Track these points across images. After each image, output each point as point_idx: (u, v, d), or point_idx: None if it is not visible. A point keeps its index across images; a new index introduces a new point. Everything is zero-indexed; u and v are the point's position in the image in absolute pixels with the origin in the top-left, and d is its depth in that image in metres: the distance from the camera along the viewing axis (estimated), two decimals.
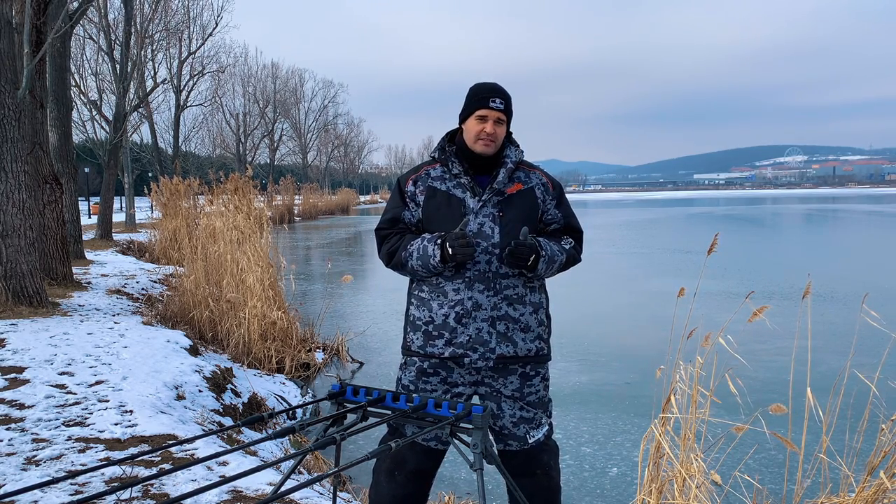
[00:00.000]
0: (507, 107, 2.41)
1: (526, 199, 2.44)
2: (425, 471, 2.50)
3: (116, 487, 1.56)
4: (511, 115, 2.45)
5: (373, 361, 7.75)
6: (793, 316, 3.17)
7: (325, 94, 64.74)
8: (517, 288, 2.40)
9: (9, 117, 7.03)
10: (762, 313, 2.82)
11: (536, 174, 2.51)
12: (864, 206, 61.53)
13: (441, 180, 2.46)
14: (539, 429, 2.46)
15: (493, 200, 2.40)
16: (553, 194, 2.51)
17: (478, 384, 2.44)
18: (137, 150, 30.61)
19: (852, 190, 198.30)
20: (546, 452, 2.48)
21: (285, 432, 1.86)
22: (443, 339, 2.39)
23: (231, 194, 8.98)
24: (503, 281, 2.37)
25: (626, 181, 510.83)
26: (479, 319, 2.36)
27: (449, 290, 2.39)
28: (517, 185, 2.45)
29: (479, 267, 2.36)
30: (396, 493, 2.48)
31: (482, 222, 2.38)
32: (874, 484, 2.71)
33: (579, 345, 8.22)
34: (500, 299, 2.37)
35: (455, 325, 2.37)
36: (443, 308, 2.39)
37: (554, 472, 2.50)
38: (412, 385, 2.46)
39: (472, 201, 2.40)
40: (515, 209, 2.41)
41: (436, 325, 2.40)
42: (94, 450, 3.58)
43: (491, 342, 2.37)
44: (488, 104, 2.38)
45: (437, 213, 2.42)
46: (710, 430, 2.98)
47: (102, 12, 20.10)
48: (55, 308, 7.45)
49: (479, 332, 2.36)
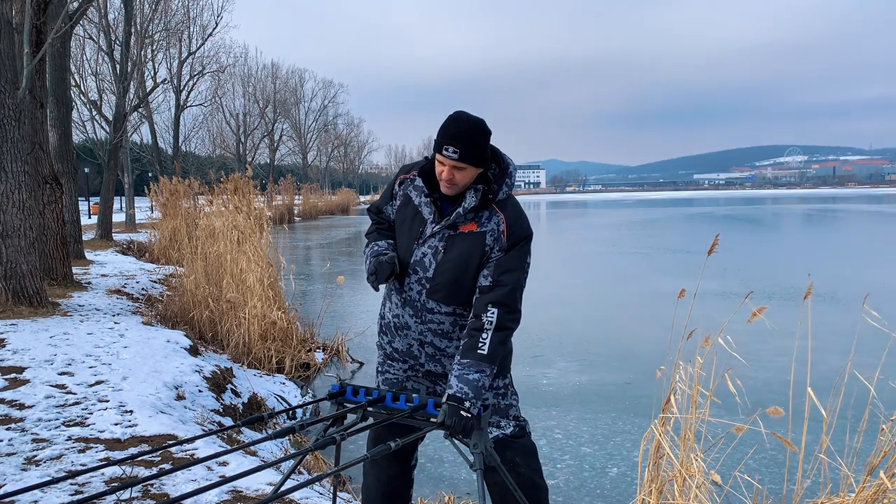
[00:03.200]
0: (465, 154, 2.25)
1: (472, 242, 2.34)
2: (406, 450, 2.53)
3: (116, 487, 1.56)
4: (476, 157, 2.28)
5: (373, 361, 7.70)
6: (793, 316, 3.17)
7: (325, 94, 64.84)
8: (444, 324, 2.39)
9: (9, 117, 7.03)
10: (762, 313, 2.82)
11: (498, 218, 2.34)
12: (864, 206, 61.53)
13: (419, 192, 2.44)
14: (498, 429, 2.47)
15: (444, 233, 2.37)
16: (504, 244, 2.33)
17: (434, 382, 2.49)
18: (137, 150, 30.61)
19: (852, 190, 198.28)
20: (511, 450, 2.47)
21: (285, 432, 1.87)
22: (387, 338, 2.52)
23: (231, 194, 8.98)
24: (429, 315, 2.39)
25: (626, 181, 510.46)
26: (409, 337, 2.45)
27: (393, 300, 2.48)
28: (472, 225, 2.34)
29: (412, 294, 2.39)
30: (380, 475, 2.54)
31: (425, 252, 2.38)
32: (874, 484, 2.71)
33: (579, 345, 8.22)
34: (425, 329, 2.41)
35: (395, 332, 2.48)
36: (389, 312, 2.50)
37: (523, 469, 2.48)
38: (380, 367, 2.57)
39: (429, 226, 2.39)
40: (458, 248, 2.35)
41: (385, 322, 2.53)
42: (94, 450, 3.58)
43: (420, 358, 2.45)
44: (441, 151, 2.27)
45: (402, 223, 2.47)
46: (710, 430, 2.98)
47: (102, 12, 20.10)
48: (55, 308, 7.45)
49: (409, 347, 2.45)
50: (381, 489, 2.55)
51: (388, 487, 2.55)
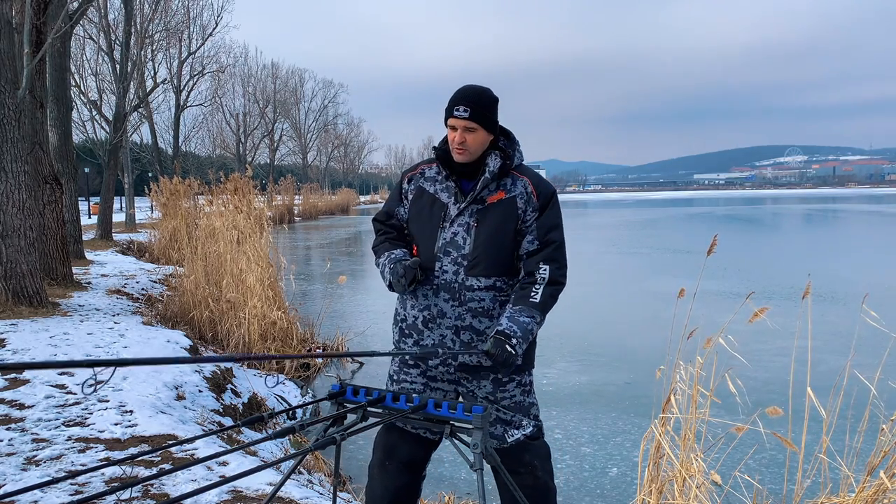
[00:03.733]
0: (476, 113, 2.31)
1: (504, 209, 2.37)
2: (417, 461, 2.50)
3: (116, 487, 1.56)
4: (487, 119, 2.34)
5: (373, 361, 7.74)
6: (793, 316, 3.17)
7: (325, 94, 64.85)
8: (484, 301, 2.37)
9: (9, 117, 7.03)
10: (763, 314, 2.82)
11: (523, 181, 2.40)
12: (864, 206, 61.53)
13: (432, 181, 2.46)
14: (519, 429, 2.45)
15: (471, 209, 2.37)
16: (536, 204, 2.38)
17: (456, 383, 2.45)
18: (137, 150, 30.61)
19: (852, 190, 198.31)
20: (529, 452, 2.47)
21: (285, 432, 1.86)
22: (412, 339, 2.45)
23: (231, 194, 8.98)
24: (468, 293, 2.35)
25: (626, 181, 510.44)
26: (443, 326, 2.38)
27: (419, 294, 2.41)
28: (500, 194, 2.37)
29: (447, 277, 2.36)
30: (388, 484, 2.49)
31: (456, 231, 2.37)
32: (874, 484, 2.71)
33: (579, 345, 8.22)
34: (464, 310, 2.36)
35: (423, 329, 2.42)
36: (413, 309, 2.44)
37: (540, 472, 2.47)
38: (395, 374, 2.52)
39: (453, 208, 2.39)
40: (492, 219, 2.36)
41: (408, 324, 2.46)
42: (94, 450, 3.58)
43: (454, 350, 2.38)
44: (453, 113, 2.32)
45: (420, 215, 2.44)
46: (710, 430, 2.98)
47: (102, 12, 20.10)
48: (55, 308, 7.45)
49: (442, 338, 2.39)
50: (388, 497, 2.50)
51: (395, 496, 2.50)
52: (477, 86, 2.38)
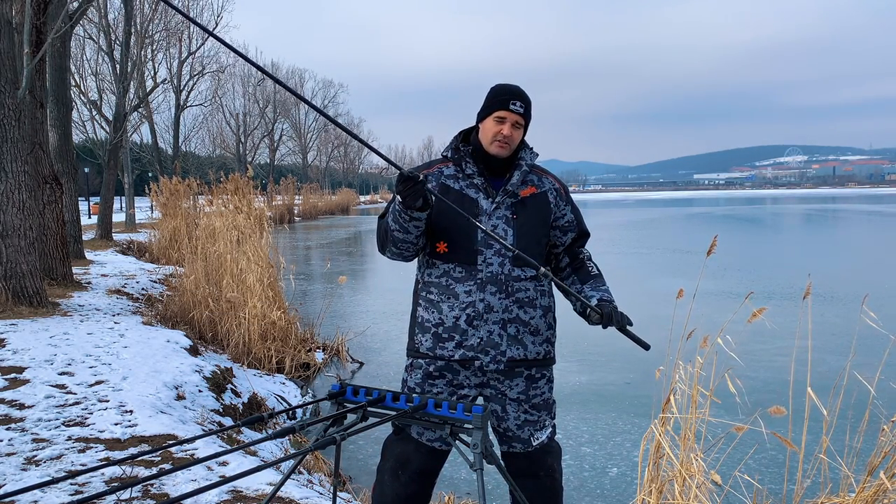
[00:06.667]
0: (526, 111, 2.39)
1: (539, 203, 2.43)
2: (430, 471, 2.49)
3: (116, 487, 1.56)
4: (530, 119, 2.43)
5: (373, 361, 7.75)
6: (793, 316, 3.17)
7: (325, 94, 64.89)
8: (528, 291, 2.39)
9: (9, 117, 7.03)
10: (762, 314, 2.82)
11: (549, 179, 2.51)
12: (864, 206, 61.53)
13: (454, 179, 2.44)
14: (543, 431, 2.45)
15: (506, 202, 2.39)
16: (565, 199, 2.51)
17: (483, 386, 2.43)
18: (137, 150, 30.60)
19: (852, 190, 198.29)
20: (550, 455, 2.48)
21: (285, 432, 1.86)
22: (453, 342, 2.37)
23: (231, 194, 8.99)
24: (515, 284, 2.36)
25: (626, 181, 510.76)
26: (490, 322, 2.35)
27: (460, 293, 2.36)
28: (531, 189, 2.44)
29: (492, 269, 2.34)
30: (400, 492, 2.47)
31: (495, 224, 2.37)
32: (874, 484, 2.71)
33: (579, 345, 8.22)
34: (511, 302, 2.36)
35: (466, 328, 2.35)
36: (453, 310, 2.37)
37: (557, 475, 2.50)
38: (418, 388, 2.44)
39: (485, 202, 2.38)
40: (529, 212, 2.40)
41: (446, 327, 2.38)
42: (94, 450, 3.58)
43: (502, 345, 2.35)
44: (508, 106, 2.35)
45: (449, 209, 2.34)
46: (710, 430, 2.98)
47: (102, 12, 20.09)
48: (55, 308, 7.45)
49: (490, 334, 2.35)
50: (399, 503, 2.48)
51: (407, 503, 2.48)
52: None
